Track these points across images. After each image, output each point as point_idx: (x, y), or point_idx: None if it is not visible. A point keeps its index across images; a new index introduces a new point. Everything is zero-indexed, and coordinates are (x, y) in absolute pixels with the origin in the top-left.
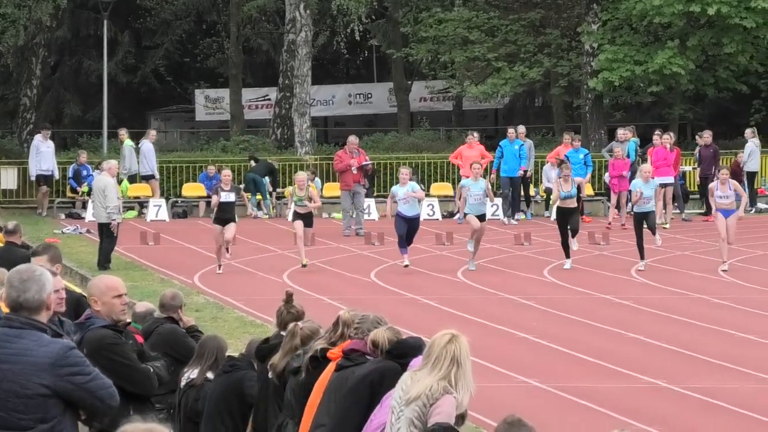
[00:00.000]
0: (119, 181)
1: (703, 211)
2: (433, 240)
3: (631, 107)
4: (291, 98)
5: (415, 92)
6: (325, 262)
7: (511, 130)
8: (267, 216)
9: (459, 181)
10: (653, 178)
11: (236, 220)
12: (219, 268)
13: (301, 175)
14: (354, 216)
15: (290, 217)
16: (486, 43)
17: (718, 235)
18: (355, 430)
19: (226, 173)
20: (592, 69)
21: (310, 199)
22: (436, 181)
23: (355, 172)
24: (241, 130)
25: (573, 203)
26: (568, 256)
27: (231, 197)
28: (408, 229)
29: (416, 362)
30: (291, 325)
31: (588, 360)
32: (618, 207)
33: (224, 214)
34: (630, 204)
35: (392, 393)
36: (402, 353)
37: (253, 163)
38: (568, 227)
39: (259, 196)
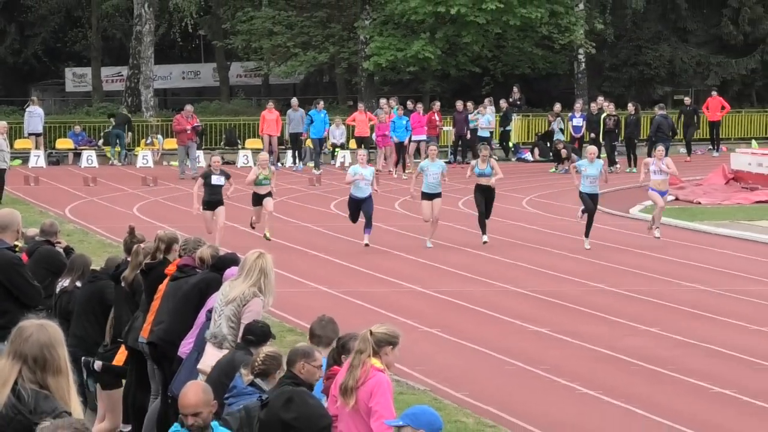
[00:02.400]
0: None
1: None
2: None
3: (394, 83)
4: (138, 74)
5: (233, 71)
6: (166, 199)
7: (321, 102)
8: (121, 164)
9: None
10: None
11: (224, 203)
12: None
13: (264, 156)
14: (188, 164)
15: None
16: (286, 34)
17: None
18: (188, 324)
19: (216, 159)
20: (365, 54)
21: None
22: (248, 137)
23: (189, 131)
24: (100, 99)
25: (489, 181)
26: (484, 232)
27: (221, 180)
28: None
29: (232, 272)
30: (134, 247)
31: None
32: (385, 158)
33: (214, 196)
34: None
35: (215, 296)
36: (222, 266)
37: (113, 120)
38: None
39: (117, 148)
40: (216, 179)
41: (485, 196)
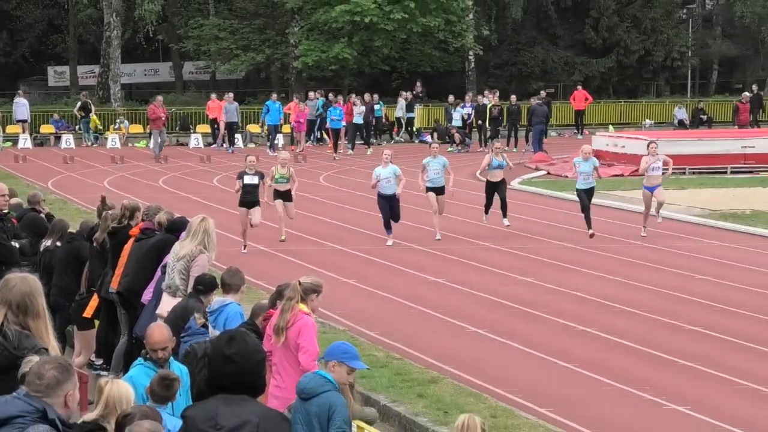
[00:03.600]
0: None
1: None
2: (198, 160)
3: (319, 78)
4: (108, 72)
5: (186, 68)
6: (131, 174)
7: (274, 94)
8: (92, 144)
9: (215, 124)
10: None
11: (260, 203)
12: (244, 248)
13: (284, 154)
14: (159, 144)
15: (271, 196)
16: (230, 39)
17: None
18: (149, 277)
19: (252, 159)
20: (295, 55)
21: (290, 178)
22: (199, 123)
23: (162, 118)
24: (76, 92)
25: (500, 175)
26: (486, 212)
27: (255, 180)
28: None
29: (183, 234)
30: (104, 213)
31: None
32: (298, 141)
33: (249, 197)
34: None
35: (170, 254)
36: (175, 228)
37: (83, 112)
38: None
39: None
40: (249, 179)
41: (496, 190)
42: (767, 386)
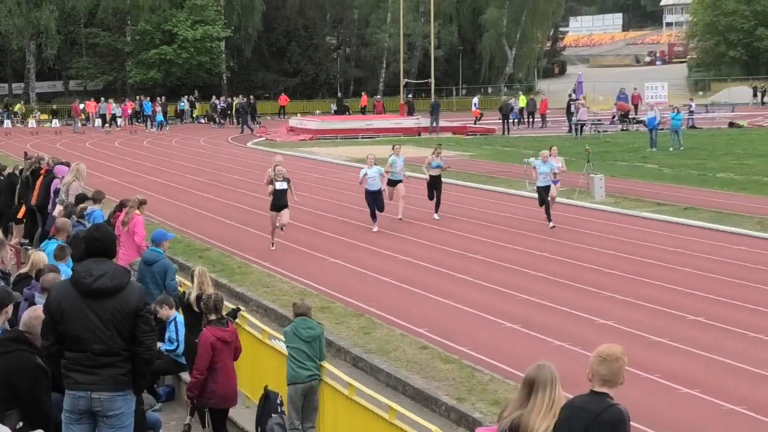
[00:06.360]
0: None
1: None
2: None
3: (143, 89)
4: (28, 86)
5: (70, 84)
6: (43, 141)
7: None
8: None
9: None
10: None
11: (288, 206)
12: (272, 246)
13: (279, 158)
14: (75, 126)
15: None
16: (95, 68)
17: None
18: (49, 196)
19: (280, 169)
20: (129, 76)
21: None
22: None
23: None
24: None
25: (439, 172)
26: (437, 209)
27: (284, 185)
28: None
29: (64, 170)
30: (27, 161)
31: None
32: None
33: (279, 201)
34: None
35: (57, 182)
36: (57, 165)
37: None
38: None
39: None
40: (279, 185)
41: (436, 186)
42: None
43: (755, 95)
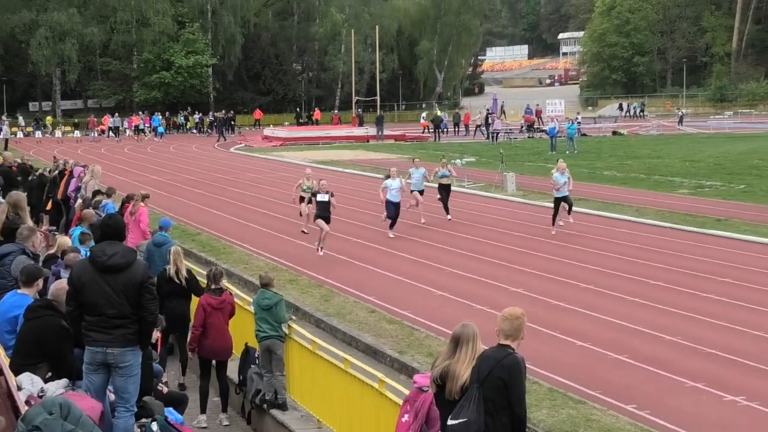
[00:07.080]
0: None
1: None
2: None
3: (147, 106)
4: (55, 103)
5: (89, 103)
6: (68, 148)
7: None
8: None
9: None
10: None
11: (330, 220)
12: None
13: (309, 170)
14: (93, 136)
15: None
16: (107, 89)
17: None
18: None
19: (324, 183)
20: (136, 95)
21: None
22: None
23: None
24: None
25: (449, 181)
26: (447, 212)
27: (325, 198)
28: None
29: (85, 171)
30: (55, 163)
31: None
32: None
33: (322, 212)
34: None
35: (81, 181)
36: (74, 167)
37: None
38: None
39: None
40: (321, 197)
41: (447, 192)
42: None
43: (620, 109)
